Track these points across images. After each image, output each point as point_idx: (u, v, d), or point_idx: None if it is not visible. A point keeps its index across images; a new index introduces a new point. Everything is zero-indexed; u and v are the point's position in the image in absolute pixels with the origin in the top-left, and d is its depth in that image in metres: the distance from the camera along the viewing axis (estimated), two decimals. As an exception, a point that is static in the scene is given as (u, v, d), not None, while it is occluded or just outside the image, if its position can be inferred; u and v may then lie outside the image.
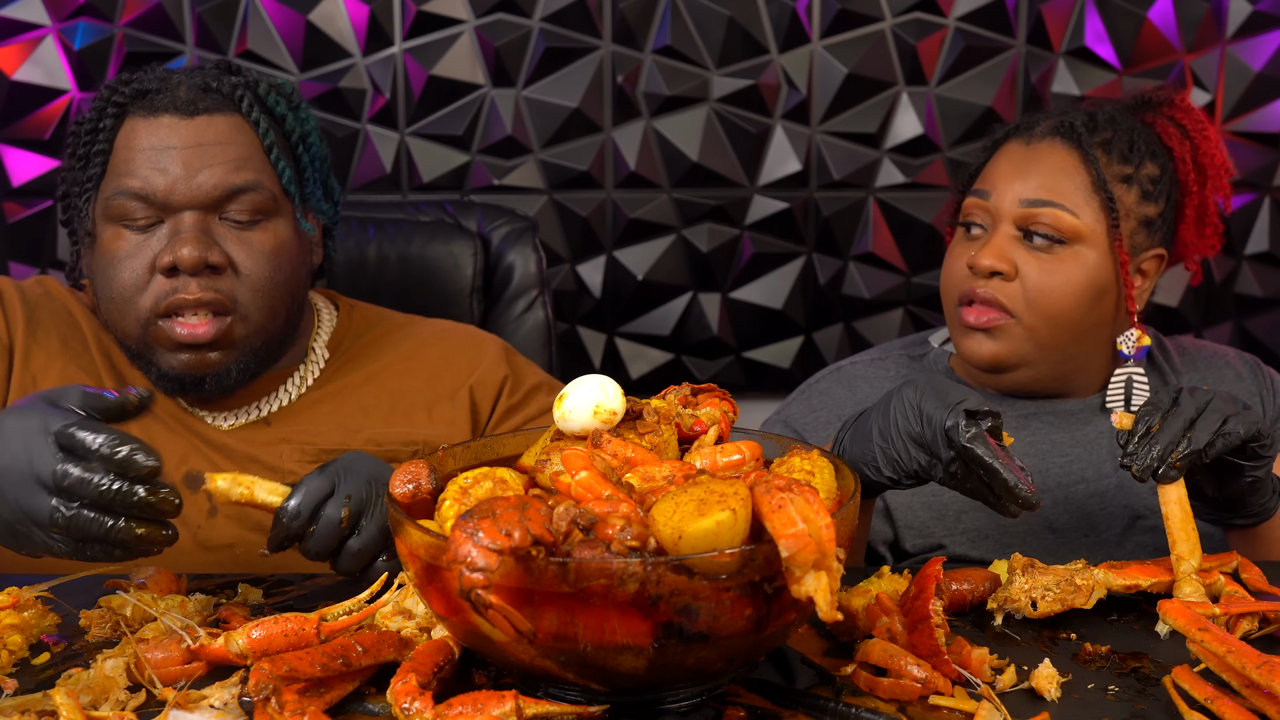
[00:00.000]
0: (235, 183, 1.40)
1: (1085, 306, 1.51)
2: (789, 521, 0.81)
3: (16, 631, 1.04)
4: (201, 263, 1.37)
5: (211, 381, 1.42)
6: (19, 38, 2.20)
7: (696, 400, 1.06)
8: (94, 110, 1.44)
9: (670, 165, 2.30)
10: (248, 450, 1.46)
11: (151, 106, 1.41)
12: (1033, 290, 1.50)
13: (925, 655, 0.97)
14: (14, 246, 2.29)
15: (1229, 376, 1.64)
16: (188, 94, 1.42)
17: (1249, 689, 0.91)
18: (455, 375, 1.56)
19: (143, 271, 1.39)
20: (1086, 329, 1.53)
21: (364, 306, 1.65)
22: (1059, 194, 1.51)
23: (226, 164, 1.40)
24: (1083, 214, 1.51)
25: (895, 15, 2.26)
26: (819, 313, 2.39)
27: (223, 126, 1.42)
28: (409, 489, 0.96)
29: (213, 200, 1.39)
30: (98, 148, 1.42)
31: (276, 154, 1.45)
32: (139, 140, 1.40)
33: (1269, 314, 2.39)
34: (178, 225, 1.39)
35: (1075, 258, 1.50)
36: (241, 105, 1.44)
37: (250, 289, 1.41)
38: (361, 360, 1.56)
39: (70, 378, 1.46)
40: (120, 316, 1.41)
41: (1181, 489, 1.17)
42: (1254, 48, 2.27)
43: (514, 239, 1.93)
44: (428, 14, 2.23)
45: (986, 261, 1.50)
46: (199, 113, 1.41)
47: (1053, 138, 1.55)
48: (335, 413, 1.51)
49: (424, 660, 0.93)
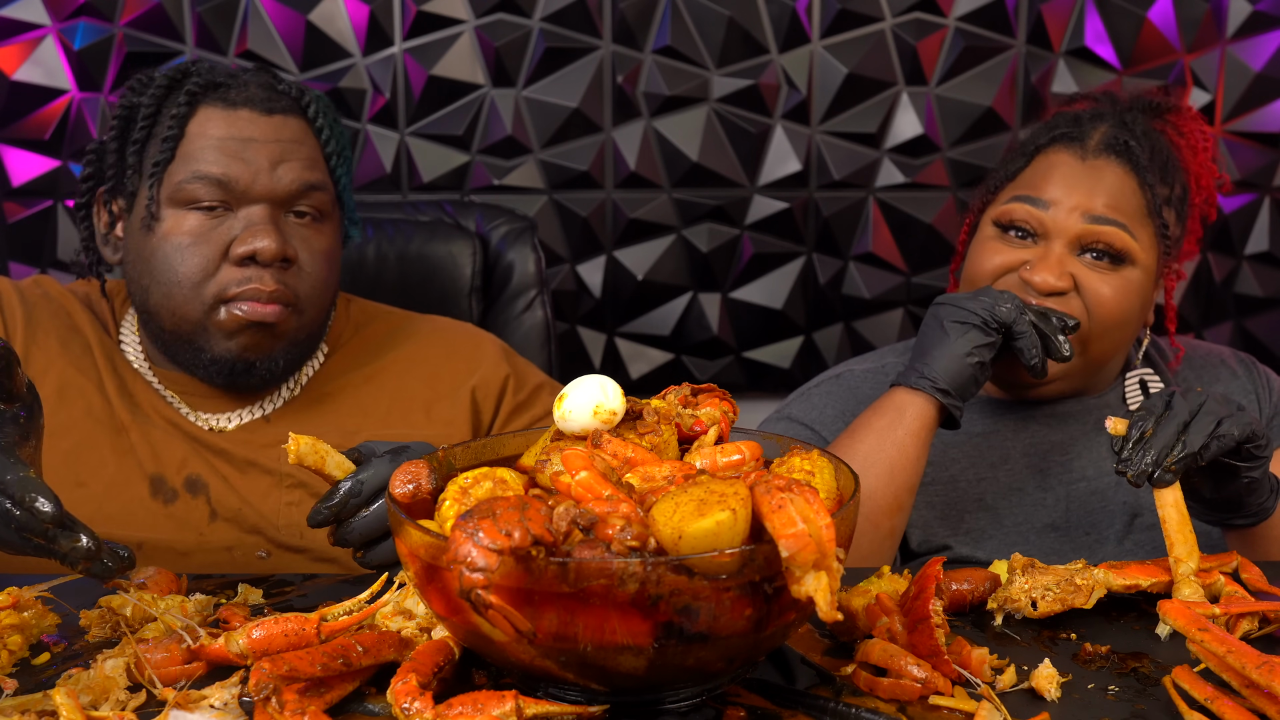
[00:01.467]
0: (310, 179, 1.45)
1: (1133, 323, 1.52)
2: (789, 521, 0.81)
3: (16, 631, 1.04)
4: (279, 255, 1.41)
5: (262, 366, 1.44)
6: (19, 38, 2.20)
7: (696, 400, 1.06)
8: (151, 97, 1.45)
9: (670, 165, 2.30)
10: (246, 453, 1.46)
11: (228, 99, 1.44)
12: (1093, 303, 1.47)
13: (925, 655, 0.97)
14: (14, 246, 2.29)
15: (1225, 375, 1.64)
16: (261, 92, 1.46)
17: (1249, 689, 0.91)
18: (454, 375, 1.56)
19: (214, 258, 1.41)
20: (1127, 343, 1.54)
21: (361, 300, 1.66)
22: (1122, 214, 1.49)
23: (303, 161, 1.45)
24: (1140, 237, 1.49)
25: (895, 15, 2.26)
26: (819, 313, 2.39)
27: (295, 127, 1.47)
28: (409, 489, 0.96)
29: (290, 195, 1.44)
30: (168, 133, 1.43)
31: (334, 162, 1.51)
32: (216, 129, 1.43)
33: (1269, 314, 2.39)
34: (250, 216, 1.42)
35: (1126, 277, 1.49)
36: (308, 111, 1.49)
37: (310, 285, 1.45)
38: (360, 358, 1.57)
39: (69, 382, 1.46)
40: (182, 300, 1.42)
41: (1177, 492, 1.17)
42: (1254, 48, 2.27)
43: (513, 239, 1.93)
44: (428, 14, 2.23)
45: (1050, 280, 1.46)
46: (276, 111, 1.45)
47: (1109, 155, 1.52)
48: (334, 413, 1.51)
49: (424, 660, 0.93)
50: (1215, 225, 2.28)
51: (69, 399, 1.45)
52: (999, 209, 1.54)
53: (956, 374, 1.38)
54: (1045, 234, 1.50)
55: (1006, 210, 1.52)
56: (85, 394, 1.46)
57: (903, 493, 1.38)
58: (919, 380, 1.38)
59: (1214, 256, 2.37)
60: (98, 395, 1.46)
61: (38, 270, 2.28)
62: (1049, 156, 1.54)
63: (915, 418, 1.37)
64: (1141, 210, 1.50)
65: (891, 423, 1.38)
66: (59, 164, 2.25)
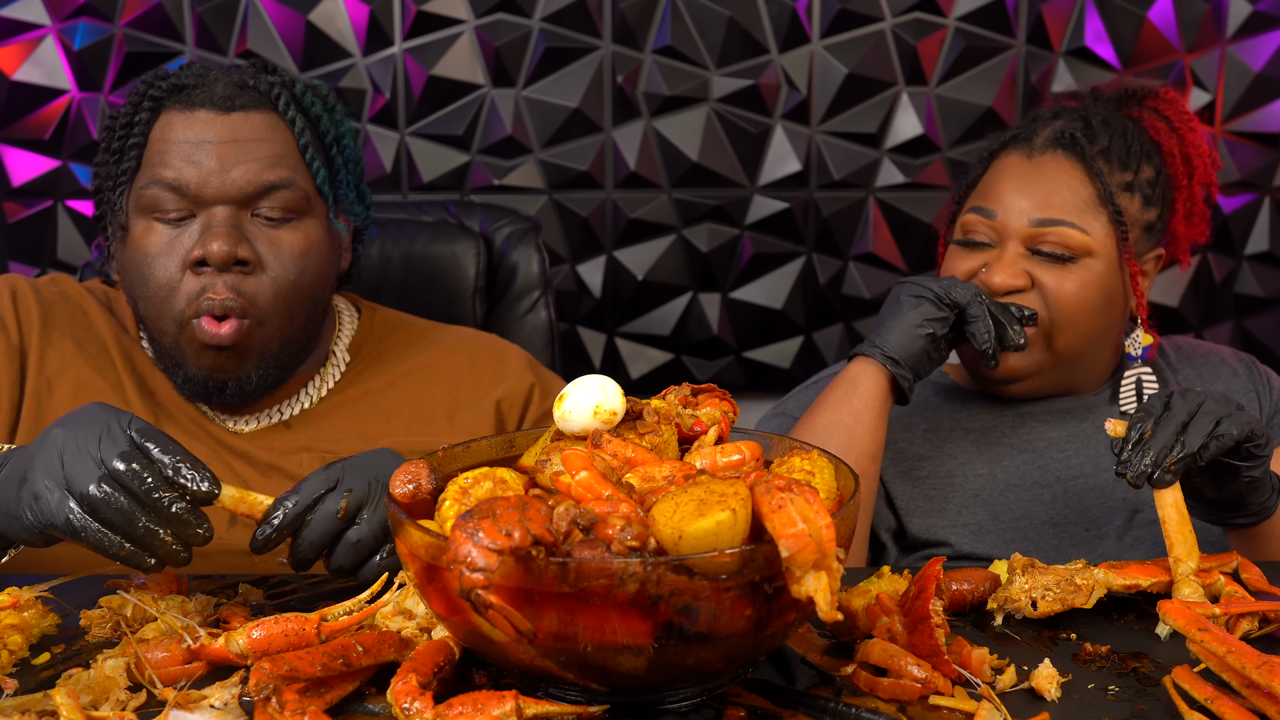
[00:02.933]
0: (268, 179, 1.40)
1: (1099, 314, 1.52)
2: (789, 521, 0.81)
3: (16, 631, 1.04)
4: (230, 258, 1.37)
5: (233, 386, 1.42)
6: (19, 38, 2.20)
7: (696, 400, 1.06)
8: (129, 104, 1.44)
9: (670, 165, 2.30)
10: (268, 458, 1.45)
11: (188, 101, 1.42)
12: (1051, 298, 1.49)
13: (925, 655, 0.97)
14: (14, 246, 2.29)
15: (1225, 374, 1.64)
16: (225, 90, 1.43)
17: (1249, 689, 0.91)
18: (478, 385, 1.55)
19: (175, 269, 1.39)
20: (1098, 335, 1.54)
21: (385, 311, 1.64)
22: (1066, 211, 1.50)
23: (260, 160, 1.40)
24: (1091, 229, 1.50)
25: (895, 15, 2.26)
26: (819, 313, 2.39)
27: (258, 123, 1.42)
28: (409, 489, 0.96)
29: (245, 195, 1.39)
30: (133, 140, 1.42)
31: (311, 154, 1.45)
32: (174, 133, 1.40)
33: (1269, 314, 2.39)
34: (209, 220, 1.39)
35: (1086, 269, 1.50)
36: (278, 104, 1.44)
37: (273, 290, 1.41)
38: (383, 365, 1.56)
39: (85, 383, 1.45)
40: (158, 315, 1.41)
41: (1177, 492, 1.17)
42: (1254, 48, 2.27)
43: (517, 239, 1.93)
44: (428, 14, 2.23)
45: (1000, 280, 1.49)
46: (235, 109, 1.42)
47: (1054, 150, 1.54)
48: (356, 419, 1.50)
49: (424, 660, 0.93)
50: (1215, 225, 2.28)
51: (85, 400, 1.43)
52: (961, 218, 1.58)
53: (908, 345, 1.43)
54: (999, 239, 1.53)
55: (963, 222, 1.57)
56: (101, 395, 1.45)
57: (864, 460, 1.42)
58: (871, 349, 1.44)
59: (1214, 256, 2.37)
60: (114, 396, 1.45)
61: (37, 270, 2.28)
62: (1000, 161, 1.58)
63: (868, 386, 1.43)
64: (1092, 200, 1.51)
65: (846, 393, 1.43)
66: (59, 164, 2.25)
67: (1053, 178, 1.52)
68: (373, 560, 1.13)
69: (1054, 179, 1.52)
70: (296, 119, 1.45)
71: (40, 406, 1.44)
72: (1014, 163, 1.55)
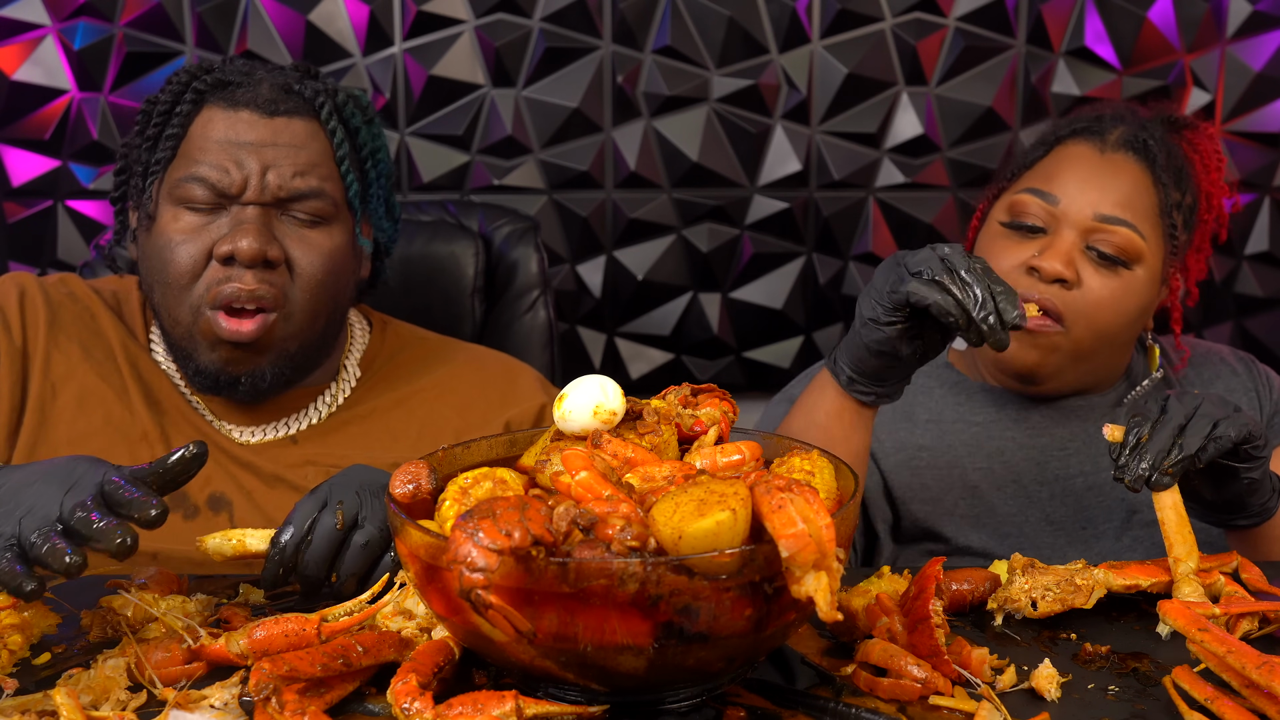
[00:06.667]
0: (300, 187, 1.41)
1: (1133, 325, 1.52)
2: (789, 521, 0.81)
3: (16, 631, 1.04)
4: (260, 256, 1.38)
5: (247, 381, 1.42)
6: (19, 38, 2.20)
7: (696, 400, 1.06)
8: (169, 93, 1.45)
9: (670, 165, 2.30)
10: (274, 469, 1.44)
11: (232, 100, 1.42)
12: (1093, 303, 1.47)
13: (925, 655, 0.97)
14: (14, 246, 2.29)
15: (1225, 374, 1.64)
16: (270, 93, 1.43)
17: (1249, 689, 0.91)
18: (488, 406, 1.54)
19: (200, 257, 1.39)
20: (1122, 344, 1.54)
21: (397, 324, 1.64)
22: (1132, 213, 1.48)
23: (296, 167, 1.41)
24: (1149, 238, 1.49)
25: (895, 15, 2.26)
26: (819, 313, 2.39)
27: (299, 130, 1.43)
28: (409, 489, 0.96)
29: (276, 200, 1.41)
30: (170, 130, 1.42)
31: (347, 165, 1.46)
32: (216, 131, 1.41)
33: (1269, 314, 2.39)
34: (240, 216, 1.40)
35: (1132, 278, 1.49)
36: (320, 112, 1.45)
37: (301, 287, 1.42)
38: (393, 382, 1.55)
39: (90, 388, 1.44)
40: (174, 302, 1.41)
41: (1176, 494, 1.16)
42: (1254, 48, 2.27)
43: (516, 239, 1.93)
44: (428, 14, 2.23)
45: (1057, 266, 1.46)
46: (279, 114, 1.42)
47: (1126, 151, 1.52)
48: (363, 436, 1.50)
49: (424, 660, 0.93)
50: (1216, 225, 2.28)
51: (89, 407, 1.44)
52: (1012, 196, 1.53)
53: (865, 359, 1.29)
54: (1054, 226, 1.49)
55: (1019, 200, 1.52)
56: (106, 402, 1.44)
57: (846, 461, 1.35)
58: (830, 363, 1.34)
59: (1214, 256, 2.37)
60: (119, 404, 1.45)
61: (37, 271, 2.28)
62: (1068, 148, 1.54)
63: (832, 400, 1.33)
64: (1154, 209, 1.50)
65: (815, 402, 1.35)
66: (59, 164, 2.25)
67: (1124, 177, 1.50)
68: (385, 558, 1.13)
69: (1125, 179, 1.50)
70: (337, 130, 1.46)
71: (44, 411, 1.44)
72: (1084, 153, 1.53)
